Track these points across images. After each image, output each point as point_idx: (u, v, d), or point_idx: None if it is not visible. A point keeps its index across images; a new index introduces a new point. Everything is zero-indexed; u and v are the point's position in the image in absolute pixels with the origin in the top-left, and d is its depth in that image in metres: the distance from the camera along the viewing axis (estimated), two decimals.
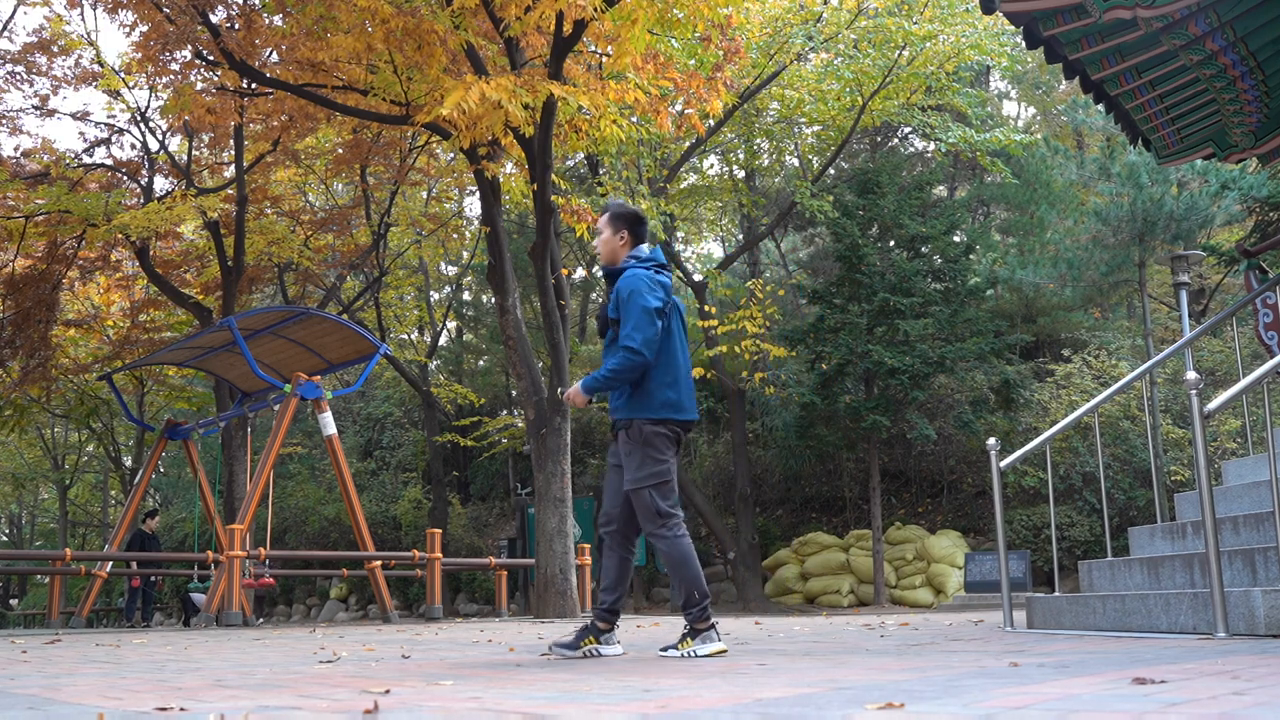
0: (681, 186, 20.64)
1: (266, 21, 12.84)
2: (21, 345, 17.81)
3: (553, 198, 12.10)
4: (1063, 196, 18.55)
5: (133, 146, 19.32)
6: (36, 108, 17.70)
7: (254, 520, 13.17)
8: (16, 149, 18.34)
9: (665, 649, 4.24)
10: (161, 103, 17.57)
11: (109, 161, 18.64)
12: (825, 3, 16.53)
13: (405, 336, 25.64)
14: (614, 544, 4.35)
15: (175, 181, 18.58)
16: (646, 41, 10.29)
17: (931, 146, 20.70)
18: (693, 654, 4.04)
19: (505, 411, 25.12)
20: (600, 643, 4.28)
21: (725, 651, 4.12)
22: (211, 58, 12.55)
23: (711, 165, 22.82)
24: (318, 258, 19.42)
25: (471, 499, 25.46)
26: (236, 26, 12.76)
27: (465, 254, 25.66)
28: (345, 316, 17.46)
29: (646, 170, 17.43)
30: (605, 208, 4.47)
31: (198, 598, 15.17)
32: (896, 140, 24.71)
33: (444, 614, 14.00)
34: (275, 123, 16.02)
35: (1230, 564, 4.83)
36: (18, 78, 17.33)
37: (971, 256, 18.90)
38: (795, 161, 22.04)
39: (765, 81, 16.51)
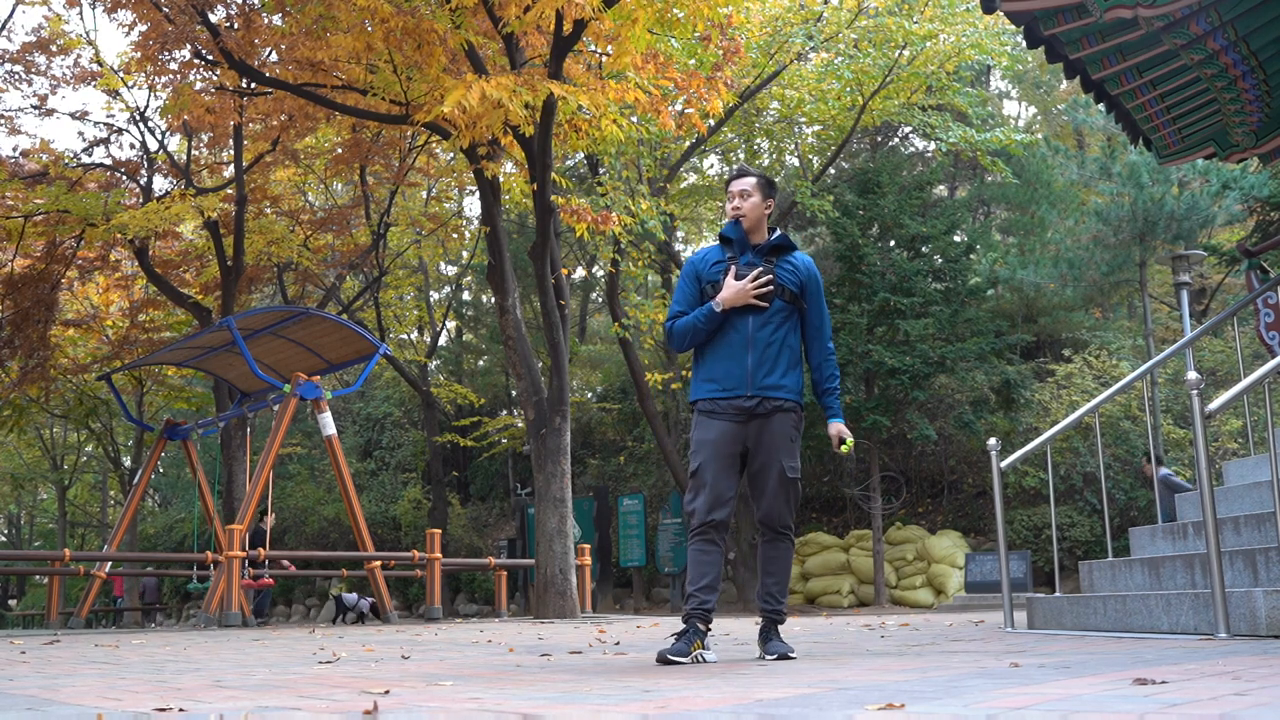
0: (681, 186, 20.63)
1: (266, 21, 12.83)
2: (20, 345, 17.79)
3: (553, 198, 12.09)
4: (1063, 196, 18.53)
5: (131, 146, 19.35)
6: (35, 107, 17.68)
7: (253, 520, 13.16)
8: (15, 149, 18.33)
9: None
10: (160, 102, 17.57)
11: (108, 161, 18.63)
12: (825, 2, 16.52)
13: (405, 336, 25.62)
14: (761, 540, 4.15)
15: (174, 181, 18.56)
16: (646, 41, 10.29)
17: (932, 146, 20.68)
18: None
19: (505, 411, 25.10)
20: (704, 647, 3.91)
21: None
22: (210, 57, 12.54)
23: (711, 165, 22.80)
24: (317, 257, 19.41)
25: (471, 499, 25.44)
26: (235, 26, 12.76)
27: (465, 254, 25.65)
28: (345, 316, 17.45)
29: (646, 170, 17.42)
30: (747, 170, 4.13)
31: (349, 598, 15.21)
32: (897, 140, 24.68)
33: (443, 614, 13.98)
34: (275, 122, 16.01)
35: (1231, 564, 4.81)
36: (16, 77, 17.33)
37: (972, 256, 18.87)
38: (795, 161, 22.01)
39: (765, 81, 16.49)
